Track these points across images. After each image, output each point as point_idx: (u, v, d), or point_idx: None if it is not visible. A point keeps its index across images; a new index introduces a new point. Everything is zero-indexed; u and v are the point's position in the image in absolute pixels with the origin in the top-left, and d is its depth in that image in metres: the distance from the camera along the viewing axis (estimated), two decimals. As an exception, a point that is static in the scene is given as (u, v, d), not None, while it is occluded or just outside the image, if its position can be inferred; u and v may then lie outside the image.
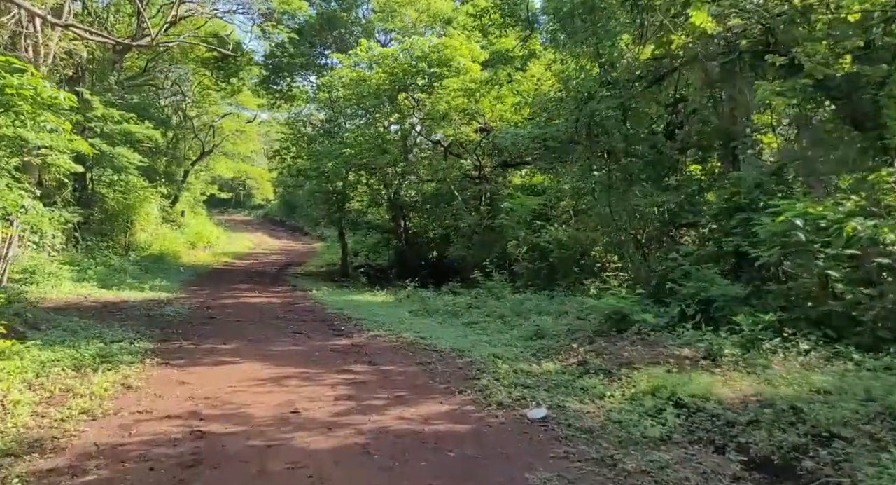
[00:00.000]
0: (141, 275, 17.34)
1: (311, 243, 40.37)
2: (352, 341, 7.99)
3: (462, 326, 9.23)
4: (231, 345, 7.61)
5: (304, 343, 7.88)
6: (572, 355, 6.41)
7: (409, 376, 5.91)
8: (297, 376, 5.85)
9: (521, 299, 10.53)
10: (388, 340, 7.99)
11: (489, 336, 8.09)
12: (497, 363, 6.29)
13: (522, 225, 14.41)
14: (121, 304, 11.37)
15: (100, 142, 16.87)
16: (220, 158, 38.28)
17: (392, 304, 12.86)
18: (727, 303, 7.01)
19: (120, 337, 7.52)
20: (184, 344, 7.52)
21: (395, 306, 12.31)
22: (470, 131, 17.30)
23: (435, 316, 10.50)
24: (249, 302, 13.01)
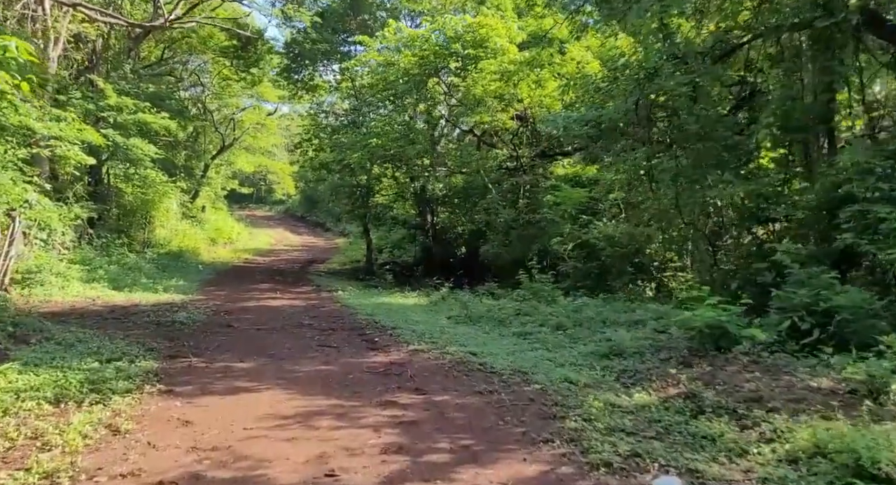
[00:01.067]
0: (157, 274, 16.37)
1: (334, 239, 39.43)
2: (390, 358, 6.77)
3: (514, 337, 7.97)
4: (249, 363, 6.45)
5: (335, 360, 6.68)
6: (670, 383, 5.11)
7: (472, 413, 4.66)
8: (329, 412, 4.64)
9: (576, 305, 9.23)
10: (432, 357, 6.76)
11: (551, 352, 6.82)
12: (577, 393, 5.03)
13: (567, 220, 13.10)
14: (130, 308, 10.31)
15: (113, 133, 15.92)
16: (241, 153, 37.45)
17: (427, 308, 11.64)
18: (857, 316, 5.65)
19: (120, 353, 6.40)
20: (193, 362, 6.36)
21: (430, 311, 11.09)
22: (506, 119, 15.98)
23: (479, 324, 9.24)
24: (271, 305, 11.90)
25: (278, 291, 14.76)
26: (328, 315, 10.62)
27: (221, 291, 14.59)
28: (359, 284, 18.41)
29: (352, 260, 27.42)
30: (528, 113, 15.57)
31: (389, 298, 13.42)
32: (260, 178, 49.91)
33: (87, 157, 14.41)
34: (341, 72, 21.83)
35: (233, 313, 10.47)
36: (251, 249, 29.11)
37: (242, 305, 11.93)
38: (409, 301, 12.79)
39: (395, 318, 9.87)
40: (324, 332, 8.65)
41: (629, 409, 4.61)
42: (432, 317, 10.19)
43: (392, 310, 10.93)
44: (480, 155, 16.94)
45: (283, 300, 12.91)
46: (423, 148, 16.64)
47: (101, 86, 16.26)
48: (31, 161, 14.79)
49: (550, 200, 13.37)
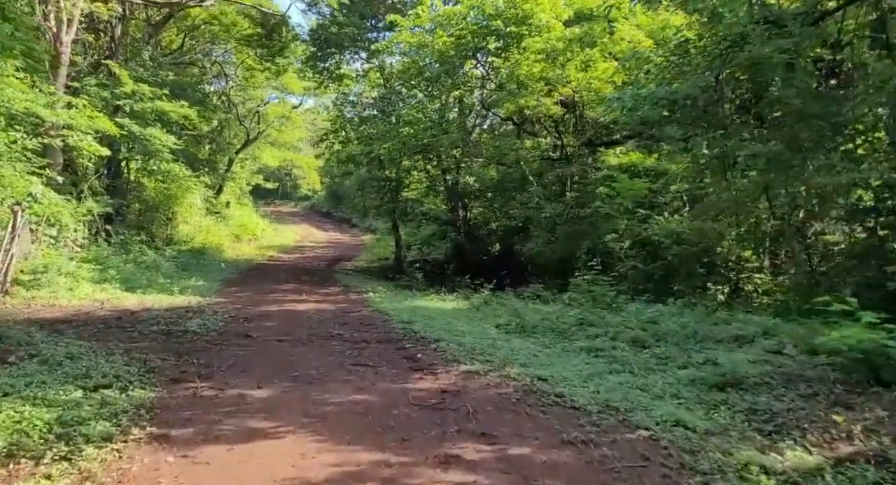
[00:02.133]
0: (176, 273, 15.38)
1: (360, 236, 38.42)
2: (440, 383, 5.50)
3: (583, 354, 6.64)
4: (268, 389, 5.24)
5: (372, 385, 5.44)
6: (835, 434, 3.75)
7: (570, 479, 3.36)
8: (372, 475, 3.39)
9: (650, 314, 7.83)
10: (492, 383, 5.47)
11: (638, 377, 5.48)
12: (703, 446, 3.71)
13: (623, 214, 11.69)
14: (140, 313, 9.22)
15: (129, 122, 14.94)
16: (266, 147, 36.62)
17: (469, 313, 10.36)
18: None
19: (112, 377, 5.25)
20: (200, 388, 5.18)
21: (474, 318, 9.80)
22: (550, 104, 14.58)
23: (535, 335, 7.93)
24: (295, 309, 10.74)
25: (304, 293, 13.62)
26: (359, 322, 9.40)
27: (243, 292, 13.52)
28: (389, 284, 17.22)
29: (380, 258, 26.30)
30: (575, 98, 14.15)
31: (425, 300, 12.17)
32: (285, 173, 49.18)
33: (100, 147, 13.46)
34: (370, 56, 20.58)
35: (253, 320, 9.32)
36: (276, 246, 28.18)
37: (264, 309, 10.79)
38: (447, 305, 11.54)
39: (436, 326, 8.60)
40: (356, 344, 7.42)
41: (791, 478, 3.26)
42: (478, 325, 8.90)
43: (430, 316, 9.66)
44: (520, 144, 15.57)
45: (308, 303, 11.75)
46: (459, 137, 15.32)
47: (116, 72, 15.29)
48: (44, 152, 13.93)
49: (603, 192, 11.97)
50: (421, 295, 13.45)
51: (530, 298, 11.67)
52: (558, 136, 14.47)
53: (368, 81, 23.94)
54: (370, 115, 21.00)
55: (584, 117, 14.80)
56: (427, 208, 22.60)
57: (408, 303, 11.67)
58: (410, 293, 13.87)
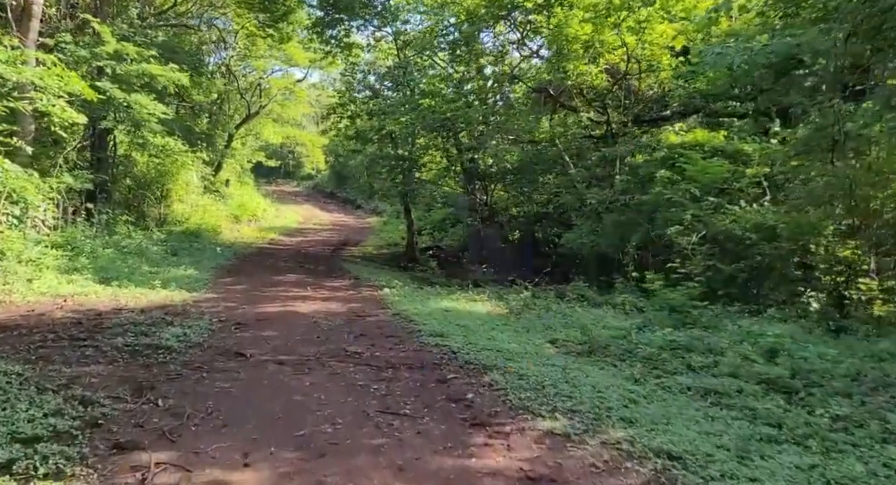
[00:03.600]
0: (163, 259, 13.56)
1: (365, 218, 36.56)
2: (516, 457, 3.68)
3: (696, 398, 4.81)
4: (260, 468, 3.42)
5: (418, 463, 3.60)
6: None
7: None
8: None
9: (770, 340, 5.94)
10: (597, 461, 3.63)
11: (816, 454, 3.65)
12: None
13: (690, 202, 9.80)
14: (107, 317, 7.40)
15: (110, 86, 12.99)
16: (268, 122, 34.55)
17: (511, 321, 8.50)
18: None
19: (24, 438, 3.44)
20: (154, 463, 3.35)
21: (520, 329, 7.95)
22: (595, 73, 12.59)
23: (610, 360, 6.09)
24: (300, 312, 8.90)
25: (309, 287, 11.80)
26: (379, 331, 7.58)
27: (238, 284, 11.70)
28: (403, 275, 15.40)
29: (389, 243, 24.48)
30: (624, 66, 12.17)
31: (450, 300, 10.33)
32: (288, 151, 47.15)
33: (75, 114, 11.54)
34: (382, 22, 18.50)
35: (247, 327, 7.50)
36: (278, 228, 26.32)
37: (262, 309, 8.97)
38: (479, 308, 9.69)
39: (479, 343, 6.77)
40: (381, 372, 5.59)
41: None
42: (530, 341, 7.06)
43: (466, 326, 7.82)
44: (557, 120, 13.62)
45: (314, 301, 9.93)
46: (489, 110, 13.36)
47: (97, 28, 13.29)
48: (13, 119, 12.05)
49: (664, 176, 10.04)
50: (444, 292, 11.61)
51: (577, 301, 9.83)
52: (604, 110, 12.50)
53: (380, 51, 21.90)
54: (383, 88, 19.02)
55: (633, 89, 12.82)
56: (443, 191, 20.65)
57: (432, 304, 9.83)
58: (432, 289, 12.02)
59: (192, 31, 22.86)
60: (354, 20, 20.86)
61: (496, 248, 21.36)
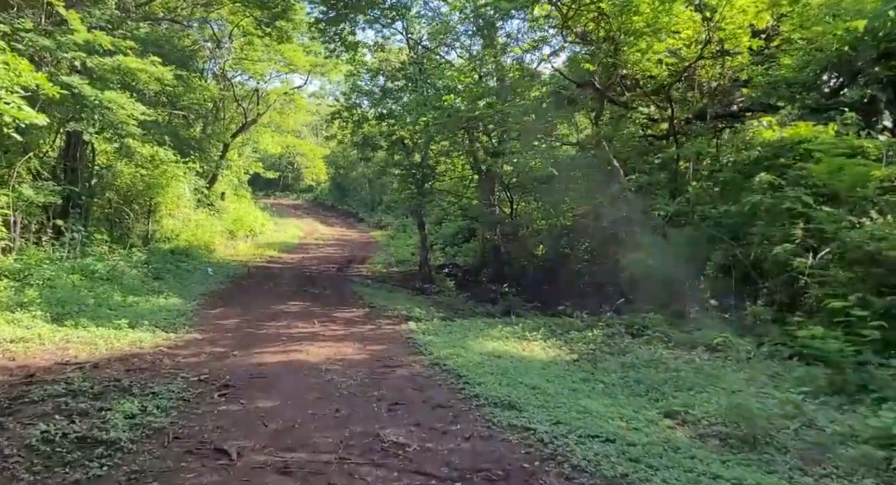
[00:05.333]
0: (143, 285, 11.46)
1: (369, 232, 34.49)
2: None
3: None
4: None
5: None
6: None
7: None
8: None
9: None
10: None
11: None
12: None
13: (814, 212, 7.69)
14: (42, 377, 5.30)
15: (79, 81, 10.95)
16: (266, 131, 32.56)
17: (589, 374, 6.36)
18: None
19: None
20: None
21: (610, 388, 5.82)
22: (652, 63, 10.58)
23: (798, 464, 3.97)
24: (308, 361, 6.77)
25: (316, 320, 9.68)
26: (420, 398, 5.45)
27: (229, 317, 9.58)
28: (422, 301, 13.31)
29: (398, 260, 22.37)
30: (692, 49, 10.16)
31: (495, 339, 8.19)
32: (287, 162, 45.16)
33: (33, 114, 9.46)
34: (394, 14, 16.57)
35: (237, 394, 5.36)
36: (277, 244, 24.22)
37: (259, 357, 6.84)
38: (538, 351, 7.57)
39: (568, 419, 4.67)
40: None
41: None
42: (637, 416, 4.93)
43: (538, 387, 5.68)
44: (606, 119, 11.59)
45: (326, 344, 7.80)
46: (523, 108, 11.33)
47: (64, 14, 11.26)
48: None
49: (765, 180, 7.96)
50: (480, 325, 9.48)
51: (660, 342, 7.72)
52: (668, 104, 10.45)
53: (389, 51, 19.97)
54: (394, 87, 17.01)
55: (697, 80, 10.82)
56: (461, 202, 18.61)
57: (474, 345, 7.70)
58: (464, 322, 9.90)
59: (182, 29, 20.87)
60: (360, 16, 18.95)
61: (519, 266, 19.32)
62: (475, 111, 11.86)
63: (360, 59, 19.71)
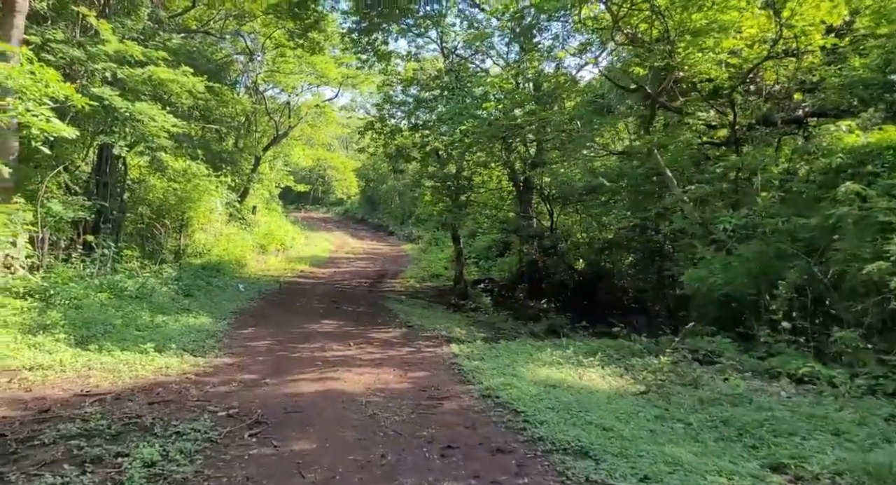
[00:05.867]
0: (173, 303, 11.03)
1: (399, 245, 34.04)
2: None
3: None
4: None
5: None
6: None
7: None
8: None
9: None
10: None
11: None
12: None
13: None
14: (58, 412, 4.79)
15: (109, 92, 10.66)
16: (297, 144, 32.45)
17: (662, 410, 5.60)
18: None
19: None
20: None
21: (694, 429, 5.05)
22: (712, 64, 9.79)
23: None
24: (347, 391, 6.14)
25: (352, 341, 9.08)
26: (476, 440, 4.77)
27: (261, 338, 9.04)
28: (461, 319, 12.65)
29: (431, 274, 21.76)
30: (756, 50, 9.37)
31: (548, 365, 7.47)
32: (318, 175, 45.15)
33: (62, 126, 9.14)
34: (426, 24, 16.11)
35: (270, 435, 4.75)
36: (308, 258, 23.85)
37: (293, 386, 6.25)
38: (598, 380, 6.82)
39: (654, 472, 3.95)
40: None
41: None
42: (737, 470, 4.17)
43: (611, 429, 4.95)
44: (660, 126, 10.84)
45: (364, 370, 7.17)
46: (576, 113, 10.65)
47: (94, 24, 11.02)
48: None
49: (850, 190, 7.12)
50: (528, 348, 8.75)
51: (734, 371, 6.90)
52: (730, 109, 9.65)
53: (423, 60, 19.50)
54: (428, 97, 16.52)
55: (759, 82, 10.01)
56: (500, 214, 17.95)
57: (526, 372, 6.99)
58: (511, 344, 9.18)
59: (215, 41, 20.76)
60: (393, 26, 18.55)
61: (558, 281, 18.53)
62: (515, 119, 11.19)
63: (392, 69, 19.32)
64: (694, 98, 10.62)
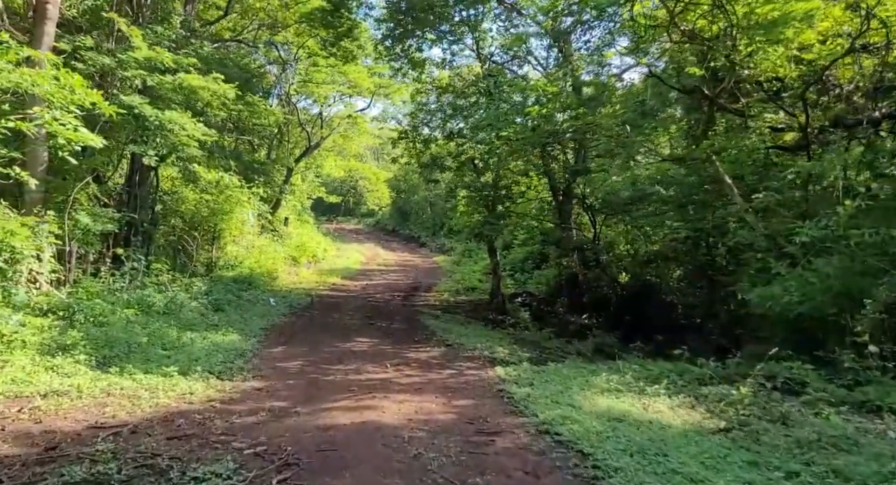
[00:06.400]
0: (202, 319, 10.57)
1: (431, 256, 33.47)
2: None
3: None
4: None
5: None
6: None
7: None
8: None
9: None
10: None
11: None
12: None
13: None
14: (66, 450, 4.27)
15: (139, 100, 10.32)
16: (329, 155, 32.24)
17: (755, 455, 4.79)
18: None
19: None
20: None
21: (788, 480, 4.26)
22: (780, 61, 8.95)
23: None
24: (385, 424, 5.48)
25: (388, 362, 8.44)
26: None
27: (292, 358, 8.46)
28: (501, 336, 11.91)
29: (466, 287, 21.06)
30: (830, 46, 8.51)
31: (609, 395, 6.70)
32: (349, 186, 44.99)
33: (90, 135, 8.79)
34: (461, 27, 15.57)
35: (299, 480, 4.11)
36: (339, 270, 23.41)
37: (327, 417, 5.61)
38: (666, 413, 6.02)
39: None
40: None
41: None
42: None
43: (693, 476, 4.19)
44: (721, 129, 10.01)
45: (404, 397, 6.50)
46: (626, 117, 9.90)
47: (125, 31, 10.73)
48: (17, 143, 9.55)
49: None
50: (583, 371, 7.99)
51: (826, 404, 6.03)
52: (802, 110, 8.77)
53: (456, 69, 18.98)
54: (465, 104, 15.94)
55: (833, 80, 9.12)
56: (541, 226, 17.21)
57: (581, 401, 6.24)
58: (561, 367, 8.42)
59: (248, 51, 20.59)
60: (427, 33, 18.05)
61: (600, 295, 17.64)
62: (560, 124, 10.48)
63: (426, 78, 18.82)
64: (757, 99, 9.76)
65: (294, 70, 23.71)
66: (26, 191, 9.61)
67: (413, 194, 42.39)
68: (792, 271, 8.07)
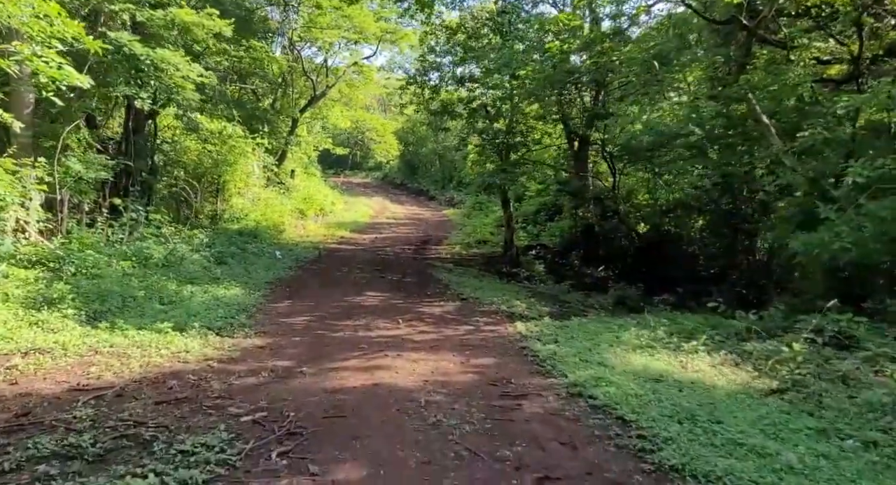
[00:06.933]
0: (204, 272, 10.02)
1: (441, 210, 32.78)
2: None
3: None
4: None
5: None
6: None
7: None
8: None
9: None
10: None
11: None
12: None
13: None
14: (41, 417, 3.73)
15: (127, 37, 9.52)
16: (335, 105, 31.14)
17: (817, 420, 4.22)
18: None
19: None
20: None
21: (867, 451, 3.69)
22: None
23: None
24: (399, 386, 4.94)
25: (399, 319, 7.89)
26: (574, 461, 3.52)
27: (298, 313, 7.94)
28: (521, 291, 11.34)
29: (477, 240, 20.45)
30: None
31: (643, 352, 6.12)
32: (356, 140, 43.92)
33: (76, 74, 8.03)
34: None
35: (303, 452, 3.58)
36: (348, 224, 22.82)
37: (334, 377, 5.09)
38: (714, 375, 5.44)
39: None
40: None
41: None
42: None
43: (755, 447, 3.62)
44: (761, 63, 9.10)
45: (416, 356, 5.96)
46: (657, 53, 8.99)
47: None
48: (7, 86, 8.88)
49: None
50: (611, 326, 7.42)
51: (888, 360, 5.43)
52: (858, 37, 7.84)
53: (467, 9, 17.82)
54: (478, 45, 14.92)
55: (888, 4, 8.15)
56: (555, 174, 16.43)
57: (612, 359, 5.68)
58: (585, 321, 7.86)
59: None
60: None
61: (618, 246, 16.98)
62: (584, 63, 9.58)
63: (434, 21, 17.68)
64: (802, 28, 8.81)
65: (296, 16, 22.51)
66: (12, 134, 8.95)
67: (421, 147, 41.37)
68: (842, 215, 7.34)
